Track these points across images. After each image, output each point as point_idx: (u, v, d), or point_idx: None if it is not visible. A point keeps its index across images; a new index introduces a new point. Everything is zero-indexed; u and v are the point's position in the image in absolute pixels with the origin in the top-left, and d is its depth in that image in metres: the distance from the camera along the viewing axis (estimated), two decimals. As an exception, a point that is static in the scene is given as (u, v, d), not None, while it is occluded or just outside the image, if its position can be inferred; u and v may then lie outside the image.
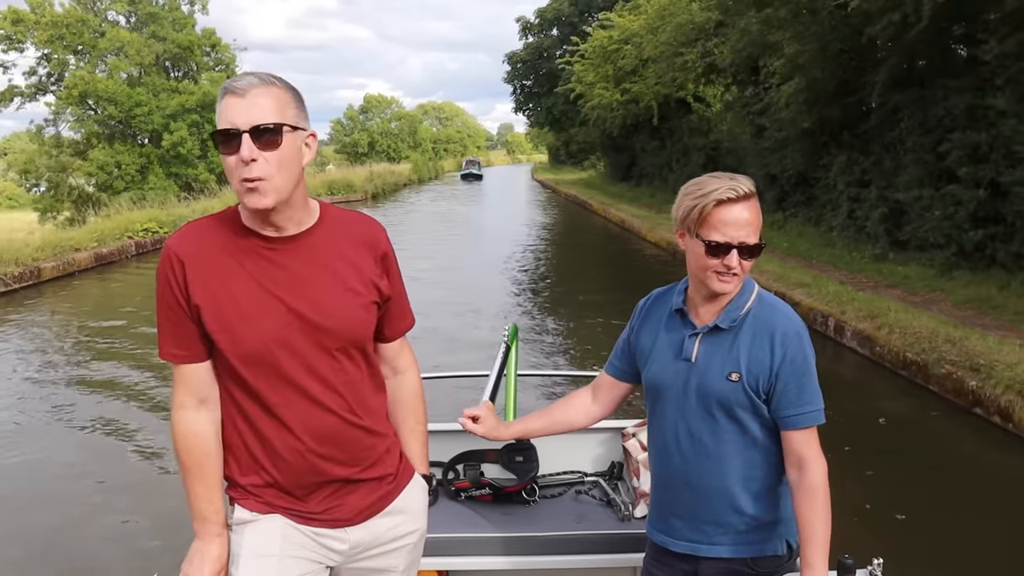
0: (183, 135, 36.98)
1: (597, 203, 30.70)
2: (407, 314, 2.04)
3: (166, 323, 1.78)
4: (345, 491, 1.86)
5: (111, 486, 6.10)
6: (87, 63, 38.48)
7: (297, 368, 1.78)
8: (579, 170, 53.83)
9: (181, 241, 1.78)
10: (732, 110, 22.10)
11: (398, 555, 1.95)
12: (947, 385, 7.50)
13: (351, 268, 1.85)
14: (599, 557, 2.39)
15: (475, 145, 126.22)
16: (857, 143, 14.45)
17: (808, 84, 14.15)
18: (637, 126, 28.65)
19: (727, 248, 1.88)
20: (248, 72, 1.74)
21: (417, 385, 2.08)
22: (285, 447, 1.80)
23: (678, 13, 19.13)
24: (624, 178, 36.58)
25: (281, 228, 1.79)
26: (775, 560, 1.97)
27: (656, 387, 2.03)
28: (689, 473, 1.97)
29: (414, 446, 2.05)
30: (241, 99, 1.68)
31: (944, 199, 11.83)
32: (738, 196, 1.86)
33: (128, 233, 19.43)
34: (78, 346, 10.69)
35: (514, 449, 2.73)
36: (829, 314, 10.07)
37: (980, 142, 10.75)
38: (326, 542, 1.85)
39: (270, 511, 1.83)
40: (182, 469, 1.78)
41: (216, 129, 1.70)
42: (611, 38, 25.80)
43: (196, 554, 1.79)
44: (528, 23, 45.02)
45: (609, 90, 26.59)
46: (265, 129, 1.68)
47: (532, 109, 48.22)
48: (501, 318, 11.29)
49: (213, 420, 1.82)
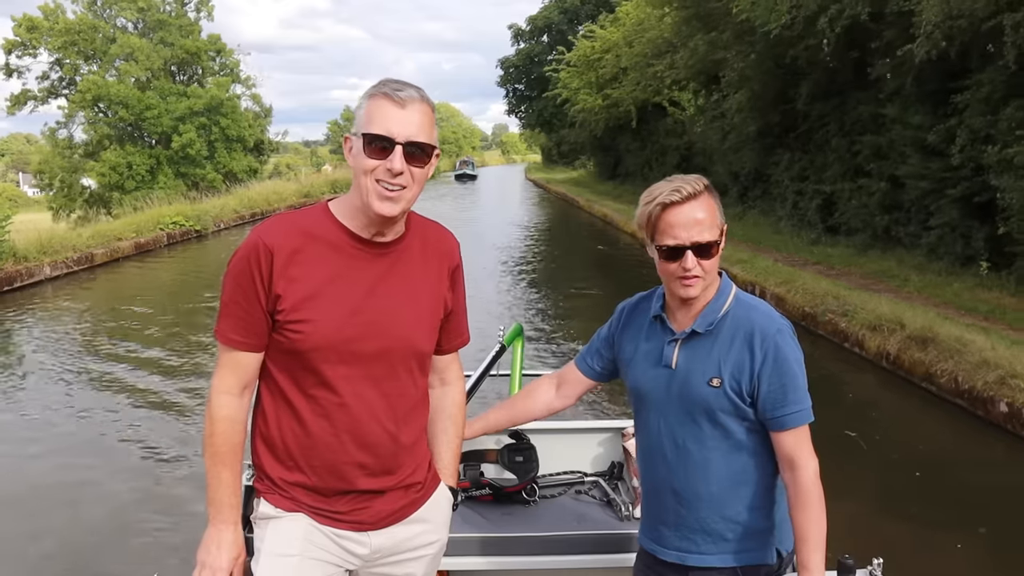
0: (192, 137, 38.94)
1: (583, 200, 33.12)
2: (464, 331, 2.04)
3: (235, 308, 1.76)
4: (370, 496, 1.85)
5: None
6: (99, 68, 40.36)
7: (357, 371, 1.78)
8: (570, 169, 55.84)
9: (270, 231, 1.77)
10: (703, 114, 24.54)
11: (418, 564, 1.95)
12: (828, 328, 9.91)
13: (426, 281, 1.87)
14: (599, 557, 2.38)
15: (470, 145, 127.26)
16: (796, 144, 16.89)
17: (752, 94, 16.62)
18: (619, 128, 31.09)
19: (680, 251, 1.85)
20: (406, 82, 1.75)
21: (461, 398, 2.08)
22: (325, 448, 1.79)
23: (650, 28, 21.52)
24: (611, 177, 38.73)
25: (383, 234, 1.81)
26: (766, 569, 1.94)
27: (639, 394, 2.01)
28: (675, 480, 1.94)
29: (447, 457, 2.03)
30: (401, 109, 1.71)
31: (859, 191, 14.30)
32: (683, 197, 1.84)
33: (160, 225, 21.76)
34: (135, 315, 13.06)
35: (514, 449, 2.71)
36: (755, 283, 12.47)
37: (881, 143, 13.20)
38: (347, 545, 1.85)
39: (295, 509, 1.81)
40: (212, 454, 1.77)
41: (368, 131, 1.71)
42: (594, 48, 28.30)
43: (212, 541, 1.77)
44: (520, 30, 47.52)
45: (592, 95, 29.07)
46: (420, 146, 1.72)
47: (524, 112, 50.76)
48: (496, 303, 13.59)
49: (248, 411, 1.84)
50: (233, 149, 42.56)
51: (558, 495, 2.70)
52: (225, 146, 41.94)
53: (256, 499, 1.86)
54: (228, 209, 27.82)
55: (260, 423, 1.85)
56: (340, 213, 1.81)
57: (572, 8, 43.05)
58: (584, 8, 41.86)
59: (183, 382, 8.69)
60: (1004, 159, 10.03)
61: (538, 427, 2.73)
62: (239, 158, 42.49)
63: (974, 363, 7.42)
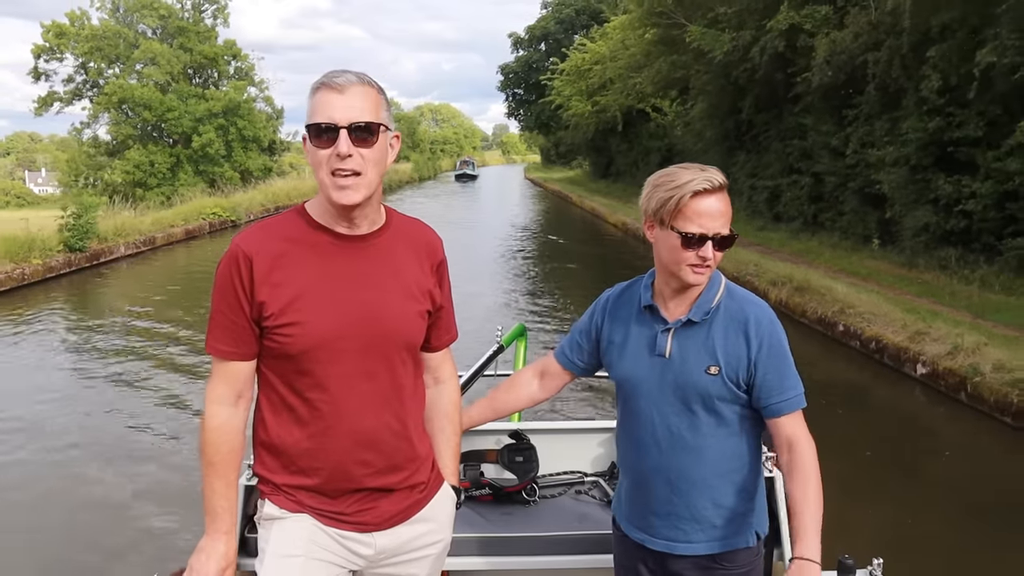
0: (211, 137, 41.25)
1: (576, 196, 36.52)
2: (452, 327, 2.03)
3: (221, 319, 1.77)
4: (377, 496, 1.85)
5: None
6: (122, 72, 42.77)
7: (350, 368, 1.78)
8: (567, 169, 58.47)
9: (249, 239, 1.77)
10: (680, 119, 27.77)
11: (422, 564, 1.94)
12: (744, 285, 13.08)
13: (412, 274, 1.87)
14: (599, 557, 2.34)
15: (471, 146, 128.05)
16: (749, 146, 20.10)
17: (710, 105, 19.86)
18: (609, 131, 34.30)
19: (703, 240, 1.84)
20: (344, 69, 1.75)
21: (456, 396, 2.08)
22: (328, 449, 1.79)
23: (632, 45, 24.70)
24: (604, 176, 41.51)
25: (356, 226, 1.80)
26: (746, 553, 1.97)
27: (629, 383, 2.00)
28: (669, 468, 1.94)
29: (447, 456, 2.03)
30: (340, 95, 1.70)
31: (793, 185, 17.51)
32: (713, 187, 1.84)
33: (202, 215, 24.98)
34: (193, 283, 16.31)
35: (514, 449, 2.71)
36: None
37: (805, 146, 16.43)
38: (352, 546, 1.84)
39: (299, 510, 1.82)
40: (205, 464, 1.78)
41: (312, 122, 1.70)
42: (584, 59, 31.53)
43: (203, 550, 1.79)
44: (519, 38, 50.81)
45: (583, 102, 32.33)
46: (363, 126, 1.70)
47: (523, 114, 54.03)
48: (499, 276, 16.78)
49: (244, 418, 1.83)
50: (249, 149, 44.47)
51: (558, 495, 2.69)
52: (242, 146, 43.77)
53: (260, 500, 1.87)
54: (255, 203, 30.98)
55: (260, 430, 1.84)
56: (316, 213, 1.80)
57: (567, 19, 46.41)
58: (579, 19, 45.22)
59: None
60: (880, 159, 13.26)
61: (538, 427, 2.80)
62: (255, 157, 44.44)
63: (829, 301, 10.64)
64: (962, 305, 10.43)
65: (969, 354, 7.83)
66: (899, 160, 12.76)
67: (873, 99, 13.31)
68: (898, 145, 12.68)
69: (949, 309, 10.22)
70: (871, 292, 11.17)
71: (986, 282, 11.17)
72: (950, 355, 8.04)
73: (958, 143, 11.78)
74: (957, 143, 11.80)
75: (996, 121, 11.15)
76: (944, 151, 12.05)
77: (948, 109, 11.77)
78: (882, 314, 9.76)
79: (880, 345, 9.21)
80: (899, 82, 12.57)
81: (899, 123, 12.80)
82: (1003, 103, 10.93)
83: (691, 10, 17.62)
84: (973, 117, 11.38)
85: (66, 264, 16.53)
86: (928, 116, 12.08)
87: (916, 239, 12.93)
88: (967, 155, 11.65)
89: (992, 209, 11.33)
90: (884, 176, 13.31)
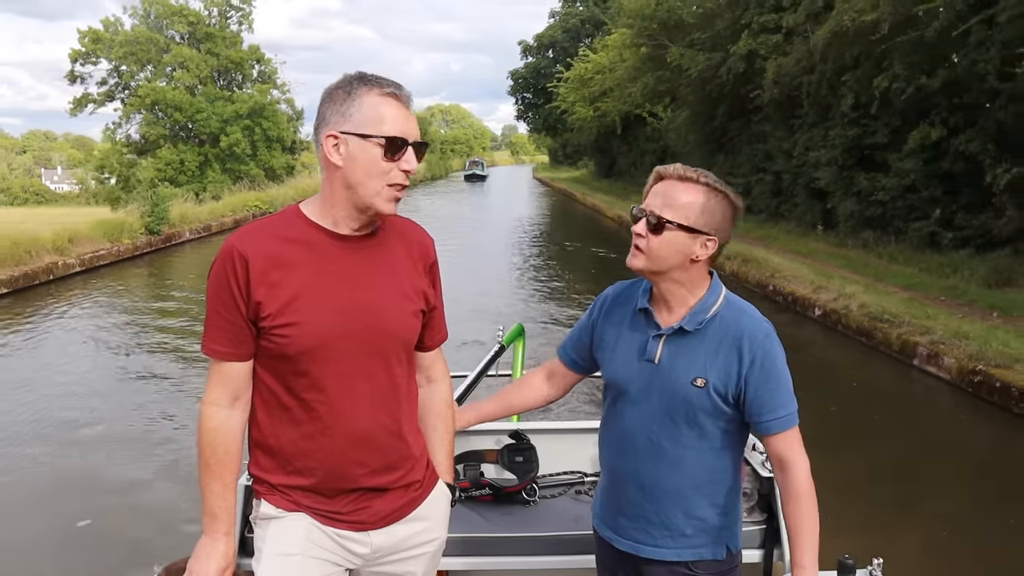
0: (238, 137, 43.52)
1: (579, 194, 39.97)
2: (443, 327, 2.05)
3: (217, 319, 1.76)
4: (372, 495, 1.86)
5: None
6: (153, 75, 45.43)
7: (347, 368, 1.78)
8: (574, 169, 61.30)
9: (243, 238, 1.76)
10: (671, 124, 30.93)
11: (418, 562, 1.96)
12: (722, 270, 16.26)
13: (406, 274, 1.88)
14: None
15: (481, 146, 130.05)
16: (726, 148, 23.27)
17: (692, 112, 23.05)
18: (611, 134, 37.51)
19: (639, 214, 1.85)
20: (392, 79, 1.76)
21: (449, 395, 2.10)
22: (325, 450, 1.80)
23: (628, 58, 27.87)
24: (607, 175, 44.30)
25: (360, 228, 1.81)
26: (716, 565, 1.95)
27: (617, 385, 1.99)
28: (643, 475, 1.94)
29: (441, 454, 2.05)
30: (407, 110, 1.74)
31: (760, 182, 20.66)
32: (676, 175, 1.85)
33: (247, 207, 28.36)
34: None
35: (514, 449, 2.71)
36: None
37: (768, 149, 19.60)
38: (348, 544, 1.86)
39: (295, 509, 1.83)
40: (202, 465, 1.79)
41: (387, 135, 1.71)
42: (587, 69, 34.78)
43: (203, 552, 1.79)
44: (528, 46, 54.18)
45: (585, 107, 35.62)
46: (422, 145, 1.77)
47: (532, 117, 57.41)
48: (508, 264, 19.97)
49: (242, 420, 1.82)
50: (273, 148, 46.93)
51: (558, 495, 2.68)
52: (266, 145, 46.01)
53: (256, 500, 1.87)
54: (288, 197, 34.30)
55: (255, 431, 1.84)
56: (313, 214, 1.80)
57: (573, 28, 49.73)
58: (584, 28, 48.51)
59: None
60: (818, 160, 16.45)
61: (538, 427, 2.84)
62: (278, 156, 46.84)
63: (764, 269, 13.82)
64: (871, 274, 13.52)
65: (847, 299, 10.98)
66: (831, 161, 15.96)
67: (810, 112, 16.51)
68: (829, 148, 15.90)
69: (860, 276, 13.31)
70: (804, 265, 14.30)
71: (893, 257, 14.27)
72: (835, 300, 11.19)
73: (872, 147, 15.00)
74: (872, 147, 15.01)
75: (898, 130, 14.30)
76: (863, 153, 15.28)
77: (863, 121, 14.95)
78: (799, 277, 12.92)
79: (794, 297, 12.37)
80: (827, 99, 15.83)
81: (829, 131, 16.05)
82: (903, 116, 14.06)
83: (673, 33, 20.85)
84: (881, 127, 14.59)
85: (147, 244, 19.85)
86: (849, 126, 15.32)
87: (846, 224, 16.08)
88: (880, 156, 14.83)
89: (898, 199, 14.46)
90: (822, 173, 16.49)
